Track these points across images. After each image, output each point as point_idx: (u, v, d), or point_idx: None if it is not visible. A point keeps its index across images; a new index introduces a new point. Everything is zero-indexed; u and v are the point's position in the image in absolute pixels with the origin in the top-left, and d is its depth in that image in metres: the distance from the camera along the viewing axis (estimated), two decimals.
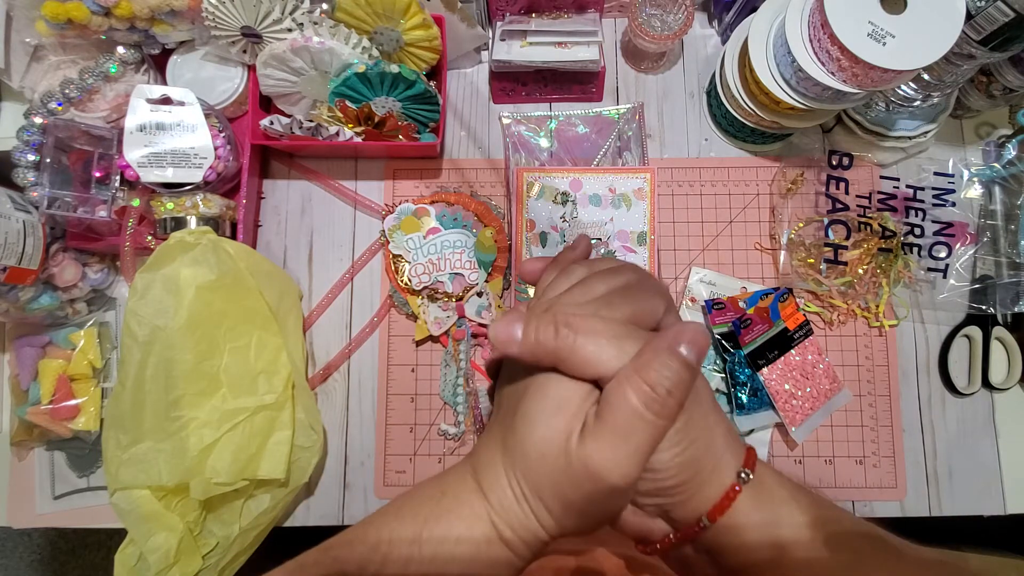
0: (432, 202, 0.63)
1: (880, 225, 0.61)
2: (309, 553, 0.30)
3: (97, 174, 0.57)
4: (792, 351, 0.59)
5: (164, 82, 0.62)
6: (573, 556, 0.45)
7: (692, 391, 0.27)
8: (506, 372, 0.31)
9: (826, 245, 0.61)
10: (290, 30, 0.55)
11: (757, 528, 0.28)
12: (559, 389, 0.28)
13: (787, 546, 0.28)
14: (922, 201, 0.62)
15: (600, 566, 0.44)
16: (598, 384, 0.28)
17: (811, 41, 0.52)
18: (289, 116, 0.61)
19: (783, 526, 0.28)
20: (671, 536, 0.29)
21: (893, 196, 0.62)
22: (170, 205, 0.57)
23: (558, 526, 0.28)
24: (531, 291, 0.61)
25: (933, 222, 0.62)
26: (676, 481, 0.27)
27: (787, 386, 0.59)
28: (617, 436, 0.26)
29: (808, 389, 0.59)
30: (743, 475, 0.28)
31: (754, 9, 0.59)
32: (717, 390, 0.60)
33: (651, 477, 0.27)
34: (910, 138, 0.61)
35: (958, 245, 0.62)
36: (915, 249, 0.62)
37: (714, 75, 0.64)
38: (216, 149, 0.57)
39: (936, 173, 0.63)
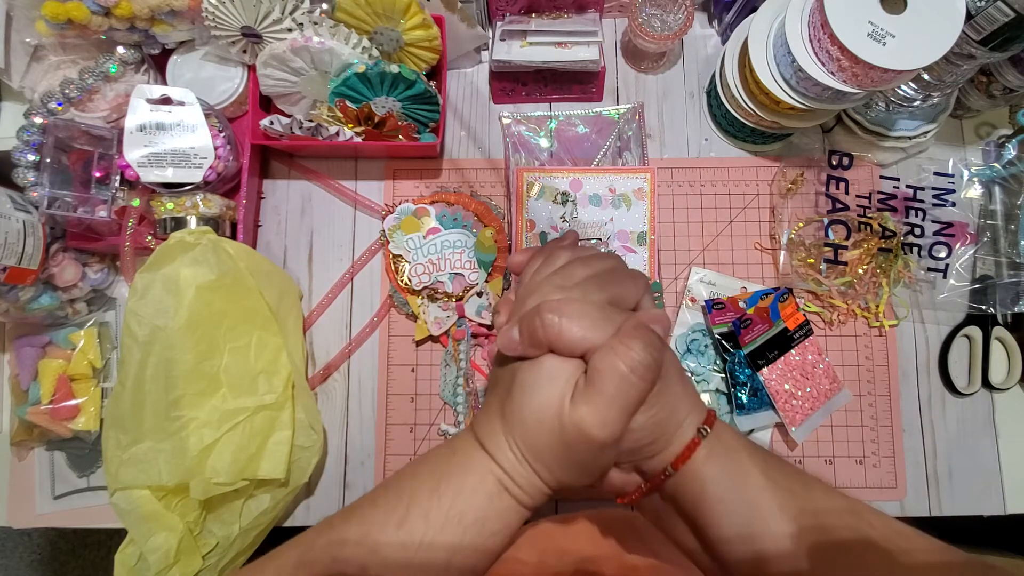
0: (432, 202, 0.63)
1: (880, 225, 0.61)
2: (334, 520, 0.33)
3: (97, 174, 0.57)
4: (792, 351, 0.59)
5: (164, 82, 0.62)
6: (572, 561, 0.46)
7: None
8: (500, 353, 0.35)
9: (826, 245, 0.61)
10: (290, 30, 0.55)
11: (724, 481, 0.32)
12: (551, 362, 0.31)
13: (755, 500, 0.31)
14: (922, 201, 0.62)
15: (599, 569, 0.45)
16: (583, 358, 0.31)
17: (811, 41, 0.52)
18: (289, 116, 0.61)
19: (749, 480, 0.32)
20: (643, 486, 0.34)
21: (893, 196, 0.62)
22: (170, 205, 0.57)
23: (556, 480, 0.32)
24: None
25: (933, 222, 0.62)
26: (650, 439, 0.32)
27: (787, 386, 0.59)
28: (606, 398, 0.29)
29: (808, 389, 0.59)
30: (702, 430, 0.32)
31: (754, 9, 0.59)
32: (717, 390, 0.60)
33: (629, 437, 0.31)
34: (910, 138, 0.61)
35: (958, 245, 0.62)
36: (915, 249, 0.62)
37: (714, 75, 0.64)
38: (216, 149, 0.57)
39: (936, 173, 0.63)
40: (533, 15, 0.64)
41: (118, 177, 0.57)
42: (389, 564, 0.30)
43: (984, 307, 0.61)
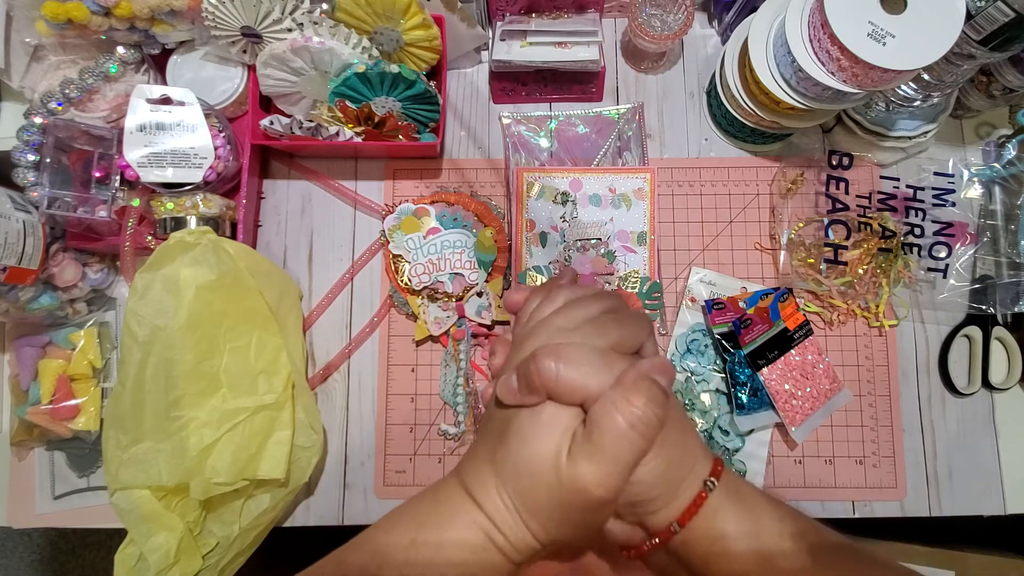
0: (432, 202, 0.63)
1: (880, 225, 0.61)
2: (319, 563, 0.32)
3: (97, 174, 0.57)
4: (792, 351, 0.59)
5: (164, 82, 0.62)
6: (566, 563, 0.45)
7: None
8: (495, 395, 0.33)
9: (826, 245, 0.61)
10: (290, 30, 0.55)
11: (731, 538, 0.30)
12: (549, 409, 0.30)
13: (767, 555, 0.30)
14: (922, 201, 0.62)
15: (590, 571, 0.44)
16: (583, 406, 0.30)
17: (811, 41, 0.52)
18: (289, 116, 0.61)
19: (758, 536, 0.30)
20: (649, 542, 0.32)
21: (893, 196, 0.62)
22: (170, 205, 0.57)
23: (548, 535, 0.30)
24: None
25: (933, 222, 0.62)
26: (652, 493, 0.30)
27: (787, 386, 0.59)
28: (605, 454, 0.28)
29: (808, 389, 0.59)
30: (709, 483, 0.30)
31: (754, 9, 0.59)
32: (717, 390, 0.60)
33: (630, 490, 0.29)
34: (910, 138, 0.61)
35: (958, 245, 0.62)
36: (915, 249, 0.62)
37: (714, 75, 0.64)
38: (216, 149, 0.57)
39: (936, 173, 0.63)
40: (533, 15, 0.64)
41: (118, 177, 0.57)
42: None
43: (984, 307, 0.61)
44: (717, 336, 0.59)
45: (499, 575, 0.30)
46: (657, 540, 0.31)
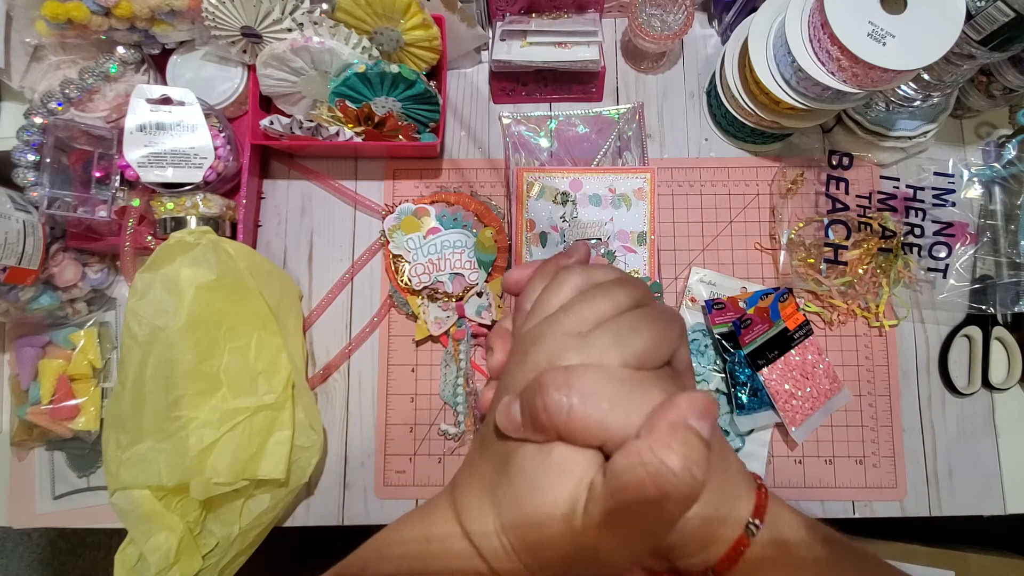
0: (432, 202, 0.63)
1: (880, 225, 0.61)
2: None
3: (97, 174, 0.57)
4: (792, 351, 0.59)
5: (164, 82, 0.62)
6: None
7: None
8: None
9: (826, 245, 0.61)
10: (290, 30, 0.55)
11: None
12: (561, 450, 0.24)
13: None
14: (922, 201, 0.62)
15: None
16: (602, 448, 0.24)
17: (811, 41, 0.51)
18: (289, 116, 0.61)
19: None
20: None
21: (893, 196, 0.62)
22: (170, 205, 0.57)
23: None
24: None
25: (933, 222, 0.62)
26: (685, 542, 0.25)
27: (787, 386, 0.59)
28: (630, 522, 0.23)
29: (808, 389, 0.59)
30: (751, 527, 0.25)
31: (754, 9, 0.59)
32: (717, 390, 0.60)
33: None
34: (910, 138, 0.61)
35: (958, 245, 0.62)
36: (915, 249, 0.62)
37: (714, 75, 0.64)
38: (216, 149, 0.57)
39: (936, 173, 0.63)
40: (533, 15, 0.64)
41: (118, 177, 0.57)
42: None
43: (984, 307, 0.61)
44: (717, 336, 0.59)
45: None
46: None
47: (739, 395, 0.58)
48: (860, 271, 0.61)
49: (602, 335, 0.26)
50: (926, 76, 0.54)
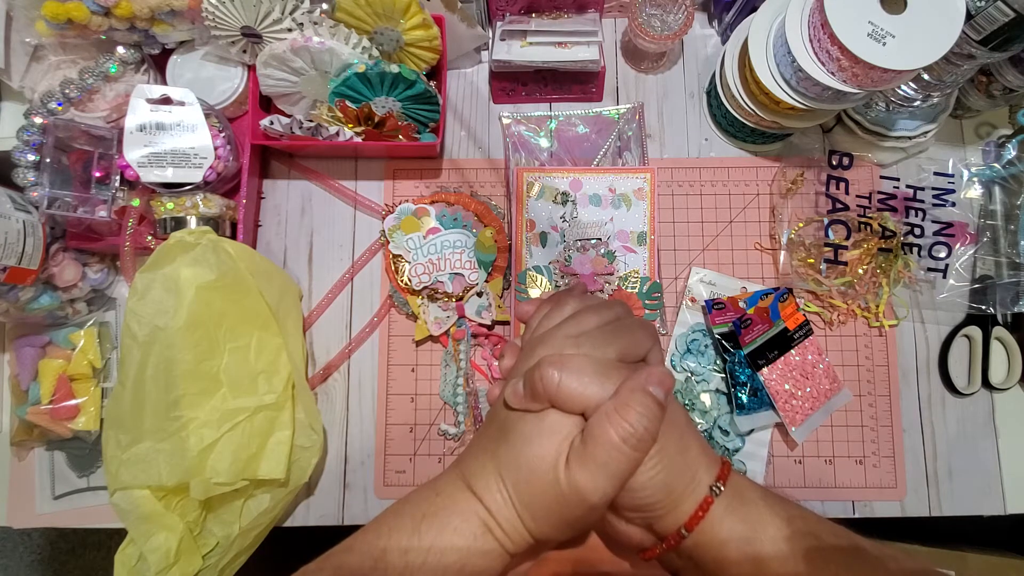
0: (432, 202, 0.63)
1: (880, 225, 0.61)
2: (311, 563, 0.33)
3: (97, 174, 0.57)
4: (792, 351, 0.59)
5: (164, 82, 0.62)
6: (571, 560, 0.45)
7: (666, 418, 0.31)
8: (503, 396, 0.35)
9: (826, 245, 0.61)
10: (290, 30, 0.55)
11: (737, 543, 0.31)
12: (553, 416, 0.32)
13: (767, 561, 0.30)
14: (922, 201, 0.62)
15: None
16: (584, 415, 0.31)
17: (811, 41, 0.52)
18: (289, 116, 0.61)
19: (762, 541, 0.31)
20: (660, 546, 0.33)
21: (893, 196, 0.62)
22: (170, 205, 0.57)
23: (541, 531, 0.32)
24: (532, 291, 0.61)
25: (933, 222, 0.62)
26: (654, 498, 0.31)
27: (787, 386, 0.59)
28: (599, 465, 0.29)
29: (808, 389, 0.59)
30: (715, 488, 0.32)
31: (754, 9, 0.59)
32: (717, 390, 0.60)
33: (632, 496, 0.31)
34: (910, 138, 0.61)
35: (958, 245, 0.62)
36: (915, 249, 0.62)
37: (714, 75, 0.64)
38: (216, 149, 0.57)
39: (936, 173, 0.63)
40: (533, 15, 0.64)
41: (118, 177, 0.57)
42: None
43: (984, 307, 0.61)
44: (717, 336, 0.59)
45: (495, 562, 0.32)
46: (666, 544, 0.32)
47: (739, 395, 0.58)
48: (860, 271, 0.61)
49: (591, 335, 0.34)
50: (926, 76, 0.54)
